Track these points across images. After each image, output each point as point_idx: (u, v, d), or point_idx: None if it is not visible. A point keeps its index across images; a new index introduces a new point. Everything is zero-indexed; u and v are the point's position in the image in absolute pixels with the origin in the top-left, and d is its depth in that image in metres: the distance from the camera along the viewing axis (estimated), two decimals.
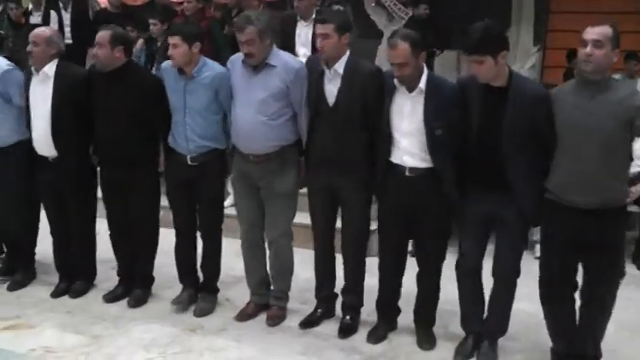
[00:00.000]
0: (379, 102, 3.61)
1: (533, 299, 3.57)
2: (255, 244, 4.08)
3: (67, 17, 7.15)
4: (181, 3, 8.00)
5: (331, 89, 3.71)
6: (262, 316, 4.12)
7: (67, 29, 7.10)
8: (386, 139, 3.63)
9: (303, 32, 5.54)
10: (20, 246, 4.73)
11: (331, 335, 3.92)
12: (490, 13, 7.23)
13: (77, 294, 4.46)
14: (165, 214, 4.36)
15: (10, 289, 4.62)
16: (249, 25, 3.67)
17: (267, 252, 4.10)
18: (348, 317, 3.97)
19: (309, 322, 4.01)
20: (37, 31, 4.26)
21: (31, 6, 7.19)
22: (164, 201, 4.34)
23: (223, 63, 4.06)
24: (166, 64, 4.06)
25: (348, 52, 3.70)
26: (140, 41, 6.34)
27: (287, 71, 3.73)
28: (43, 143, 4.24)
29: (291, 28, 5.55)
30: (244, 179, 3.97)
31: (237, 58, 3.90)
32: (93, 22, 7.15)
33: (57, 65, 4.21)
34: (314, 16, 5.51)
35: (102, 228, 4.50)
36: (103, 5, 7.95)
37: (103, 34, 4.07)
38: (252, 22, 3.67)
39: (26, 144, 4.37)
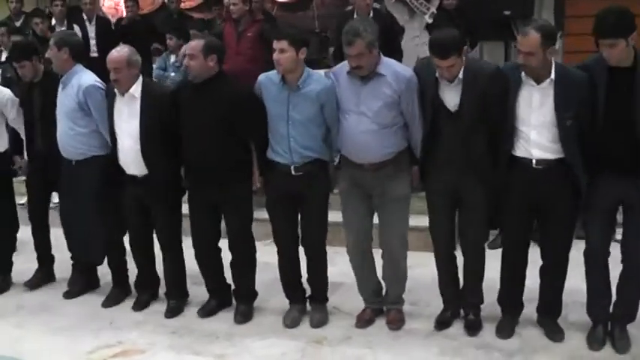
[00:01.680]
0: (502, 101, 3.58)
1: None
2: (367, 252, 3.99)
3: (91, 30, 6.94)
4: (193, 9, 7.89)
5: (452, 95, 3.64)
6: (378, 322, 4.05)
7: (92, 42, 6.90)
8: (510, 134, 3.59)
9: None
10: (110, 261, 4.60)
11: (457, 334, 3.86)
12: (514, 2, 7.37)
13: (173, 313, 4.31)
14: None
15: (105, 305, 4.50)
16: (357, 38, 3.56)
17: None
18: (471, 314, 3.91)
19: (442, 323, 3.94)
20: (115, 56, 4.05)
21: (54, 20, 6.91)
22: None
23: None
24: (264, 75, 3.93)
25: (464, 59, 3.60)
26: (184, 48, 6.14)
27: (398, 80, 3.66)
28: (132, 163, 4.15)
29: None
30: (356, 188, 3.88)
31: (342, 68, 3.82)
32: (116, 34, 6.94)
33: (142, 84, 4.11)
34: (371, 14, 5.46)
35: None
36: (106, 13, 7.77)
37: (194, 45, 3.96)
38: (360, 35, 3.56)
39: (103, 159, 4.33)
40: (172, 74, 6.29)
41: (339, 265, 4.25)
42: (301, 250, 4.08)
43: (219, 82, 3.96)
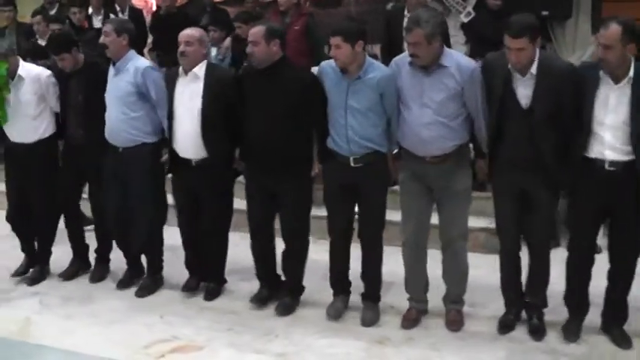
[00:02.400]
0: (575, 100, 3.53)
1: None
2: (423, 247, 3.93)
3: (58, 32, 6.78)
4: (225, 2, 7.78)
5: (524, 92, 3.58)
6: (435, 322, 3.98)
7: None
8: (584, 135, 3.52)
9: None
10: (148, 250, 4.59)
11: (523, 338, 3.78)
12: (553, 3, 7.28)
13: (212, 295, 4.38)
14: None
15: (139, 295, 4.49)
16: (416, 27, 3.53)
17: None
18: (535, 318, 3.84)
19: (506, 326, 3.85)
20: (188, 31, 4.15)
21: (91, 10, 6.82)
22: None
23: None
24: (326, 63, 3.89)
25: (538, 53, 3.56)
26: (228, 40, 6.07)
27: (461, 72, 3.61)
28: (190, 145, 4.12)
29: (398, 23, 5.39)
30: (417, 181, 3.81)
31: (404, 59, 3.76)
32: (153, 27, 6.87)
33: (206, 66, 4.11)
34: None
35: None
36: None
37: (256, 31, 3.93)
38: (420, 25, 3.52)
39: (152, 147, 4.33)
40: None
41: (389, 265, 4.16)
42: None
43: (284, 66, 3.95)
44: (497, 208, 3.83)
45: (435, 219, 3.93)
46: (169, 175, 4.42)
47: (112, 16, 6.67)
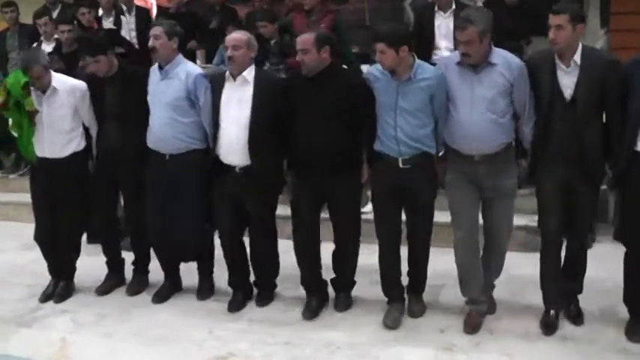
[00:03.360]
0: (618, 92, 3.51)
1: None
2: (476, 247, 3.87)
3: (131, 21, 6.59)
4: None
5: (567, 82, 3.55)
6: (496, 324, 3.87)
7: (133, 34, 6.56)
8: (633, 128, 3.49)
9: (444, 24, 5.31)
10: (201, 257, 4.43)
11: (594, 337, 3.68)
12: None
13: (265, 300, 4.27)
14: None
15: (201, 298, 4.41)
16: (470, 25, 3.51)
17: None
18: (572, 305, 3.86)
19: (549, 326, 3.77)
20: (235, 35, 4.02)
21: (101, 11, 6.57)
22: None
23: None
24: (373, 67, 3.89)
25: (580, 43, 3.53)
26: None
27: (510, 68, 3.61)
28: (236, 151, 3.98)
29: (428, 19, 5.27)
30: (465, 181, 3.77)
31: (450, 59, 3.81)
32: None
33: (255, 71, 3.99)
34: (453, 7, 5.27)
35: None
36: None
37: (305, 39, 3.82)
38: (473, 22, 3.50)
39: (200, 153, 4.17)
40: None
41: (437, 265, 4.09)
42: None
43: (334, 72, 3.90)
44: (541, 203, 3.78)
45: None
46: None
47: (122, 17, 6.43)
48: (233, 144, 3.96)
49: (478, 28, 3.49)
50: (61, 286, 4.56)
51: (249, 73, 3.95)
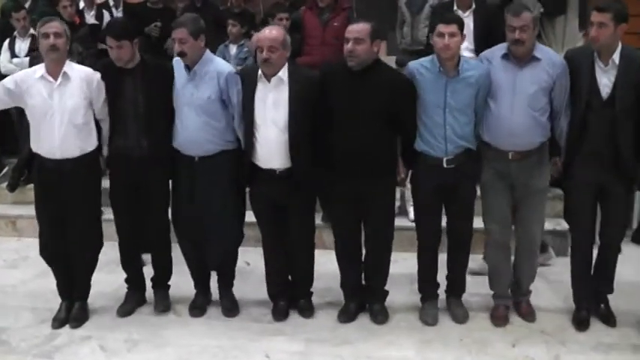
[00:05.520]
0: None
1: None
2: (507, 245, 3.90)
3: (118, 16, 6.10)
4: None
5: (605, 81, 3.55)
6: (567, 334, 3.78)
7: None
8: None
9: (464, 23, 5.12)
10: (226, 268, 4.15)
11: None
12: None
13: (309, 312, 4.06)
14: None
15: (230, 315, 4.10)
16: (525, 10, 3.50)
17: None
18: (602, 305, 3.91)
19: (581, 323, 3.84)
20: (270, 35, 3.64)
21: (82, 4, 6.02)
22: None
23: None
24: (415, 63, 3.76)
25: (620, 43, 3.51)
26: (256, 37, 5.48)
27: (554, 65, 3.59)
28: (275, 154, 3.71)
29: None
30: (499, 179, 3.76)
31: (494, 52, 3.73)
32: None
33: (288, 68, 3.69)
34: (474, 6, 5.14)
35: None
36: None
37: (361, 28, 3.58)
38: (528, 9, 3.51)
39: (233, 154, 3.88)
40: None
41: None
42: None
43: (379, 68, 3.70)
44: (573, 203, 3.80)
45: None
46: None
47: (104, 12, 5.93)
48: (272, 147, 3.71)
49: (533, 15, 3.47)
50: (76, 308, 4.08)
51: (284, 73, 3.67)
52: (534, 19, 3.52)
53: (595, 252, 3.85)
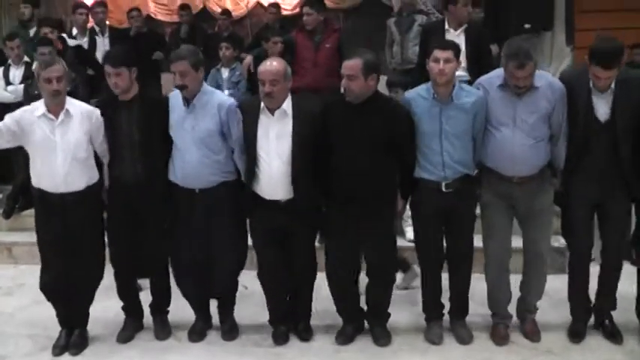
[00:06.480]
0: None
1: None
2: (506, 266, 3.93)
3: (105, 42, 6.16)
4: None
5: (602, 107, 3.61)
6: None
7: None
8: None
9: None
10: (228, 294, 4.16)
11: None
12: (535, 16, 7.38)
13: (307, 335, 4.07)
14: None
15: (228, 339, 4.11)
16: (529, 61, 3.49)
17: None
18: (607, 321, 3.97)
19: (577, 335, 3.91)
20: (272, 68, 3.66)
21: (75, 31, 6.07)
22: None
23: None
24: (412, 92, 3.86)
25: None
26: (249, 58, 5.52)
27: (553, 91, 3.64)
28: (278, 185, 3.73)
29: (439, 37, 5.16)
30: (500, 201, 3.81)
31: (491, 80, 3.75)
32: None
33: (291, 99, 3.73)
34: (465, 25, 5.20)
35: None
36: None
37: (353, 64, 3.61)
38: (531, 58, 3.51)
39: (233, 184, 3.92)
40: (227, 91, 5.52)
41: None
42: None
43: (378, 101, 3.75)
44: (571, 219, 3.84)
45: None
46: None
47: (97, 38, 5.98)
48: (276, 179, 3.72)
49: (533, 61, 3.52)
50: (75, 335, 4.08)
51: (287, 105, 3.70)
52: (534, 64, 3.54)
53: (593, 269, 3.89)
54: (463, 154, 3.74)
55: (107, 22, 6.57)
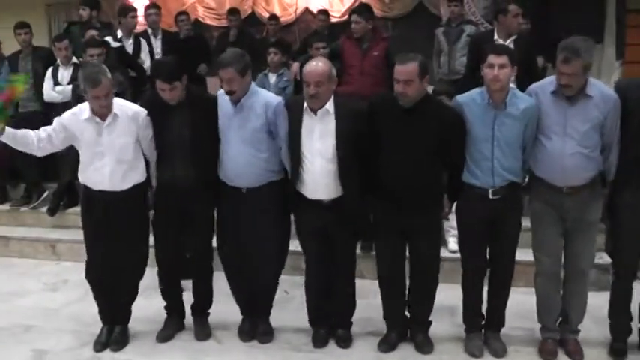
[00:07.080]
0: None
1: None
2: (557, 277, 3.84)
3: (157, 45, 6.26)
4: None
5: None
6: None
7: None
8: None
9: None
10: (268, 295, 4.17)
11: None
12: (586, 28, 7.25)
13: (345, 343, 4.03)
14: None
15: (264, 341, 4.11)
16: (577, 58, 3.38)
17: None
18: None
19: (620, 353, 3.83)
20: (318, 69, 3.63)
21: (120, 33, 6.18)
22: None
23: None
24: (465, 96, 3.73)
25: None
26: (295, 65, 5.54)
27: (605, 101, 3.53)
28: (322, 185, 3.72)
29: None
30: (550, 211, 3.71)
31: (544, 86, 3.66)
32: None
33: (334, 99, 3.70)
34: (515, 36, 5.14)
35: None
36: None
37: (411, 69, 3.55)
38: (580, 56, 3.39)
39: (279, 184, 3.93)
40: None
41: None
42: None
43: (429, 102, 3.70)
44: (622, 236, 3.73)
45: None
46: None
47: (142, 40, 6.08)
48: (319, 179, 3.71)
49: (584, 62, 3.39)
50: (117, 332, 4.13)
51: (330, 104, 3.68)
52: (584, 65, 3.40)
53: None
54: (513, 162, 3.67)
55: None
